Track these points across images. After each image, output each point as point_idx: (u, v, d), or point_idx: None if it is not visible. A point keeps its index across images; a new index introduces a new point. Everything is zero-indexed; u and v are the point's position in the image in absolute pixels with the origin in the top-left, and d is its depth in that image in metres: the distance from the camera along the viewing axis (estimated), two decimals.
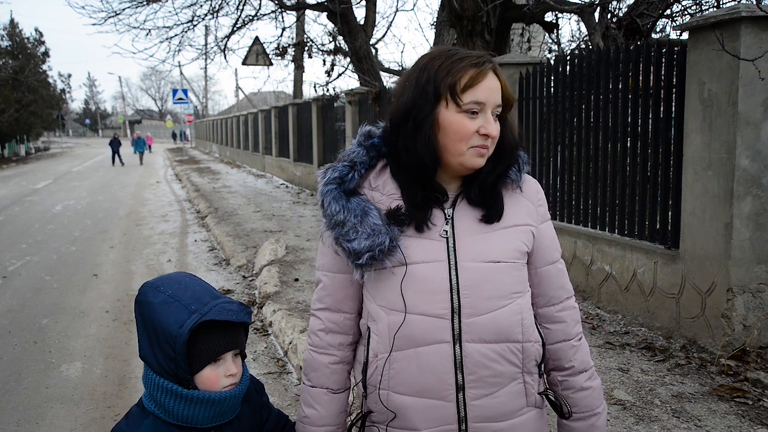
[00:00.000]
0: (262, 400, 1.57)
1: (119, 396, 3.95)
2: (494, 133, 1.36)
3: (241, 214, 10.76)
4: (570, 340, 1.51)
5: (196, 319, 1.33)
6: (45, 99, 35.36)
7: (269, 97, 36.71)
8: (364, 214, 1.37)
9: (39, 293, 6.33)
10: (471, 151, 1.36)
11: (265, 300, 5.63)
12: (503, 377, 1.40)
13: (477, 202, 1.42)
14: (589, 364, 1.54)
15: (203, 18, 10.96)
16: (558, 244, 1.54)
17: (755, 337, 3.84)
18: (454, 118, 1.35)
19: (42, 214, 12.16)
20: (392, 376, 1.40)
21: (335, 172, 1.41)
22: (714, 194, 3.97)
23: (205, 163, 26.26)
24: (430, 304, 1.36)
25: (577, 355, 1.51)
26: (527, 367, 1.43)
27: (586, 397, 1.52)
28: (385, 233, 1.35)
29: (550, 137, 5.79)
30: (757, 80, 3.76)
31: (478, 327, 1.36)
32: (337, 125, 13.04)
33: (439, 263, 1.37)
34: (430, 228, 1.39)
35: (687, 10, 7.52)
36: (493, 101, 1.36)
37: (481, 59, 1.37)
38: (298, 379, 4.13)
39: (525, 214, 1.46)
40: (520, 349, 1.41)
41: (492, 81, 1.36)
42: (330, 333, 1.51)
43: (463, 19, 7.98)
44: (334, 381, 1.52)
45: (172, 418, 1.38)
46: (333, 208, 1.38)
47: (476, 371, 1.37)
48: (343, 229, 1.37)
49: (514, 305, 1.40)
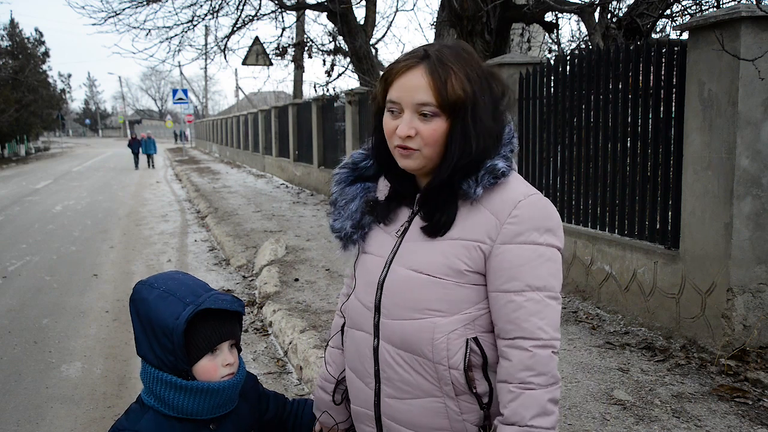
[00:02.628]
0: (258, 390, 1.61)
1: (119, 396, 3.96)
2: (400, 132, 1.30)
3: (241, 214, 10.76)
4: (509, 383, 1.27)
5: (192, 310, 1.37)
6: (45, 99, 35.36)
7: (269, 97, 36.69)
8: (351, 199, 1.47)
9: (39, 293, 6.33)
10: (396, 151, 1.35)
11: (265, 300, 5.63)
12: (413, 387, 1.34)
13: (423, 213, 1.37)
14: (524, 420, 1.24)
15: (203, 18, 10.96)
16: (528, 276, 1.28)
17: (755, 337, 3.84)
18: (384, 117, 1.38)
19: (42, 214, 12.16)
20: (345, 347, 1.52)
21: (350, 157, 1.52)
22: (714, 194, 3.97)
23: (205, 163, 26.26)
24: (364, 294, 1.43)
25: (513, 403, 1.25)
26: (444, 390, 1.32)
27: None
28: (351, 219, 1.45)
29: (550, 137, 5.79)
30: (757, 80, 3.76)
31: (389, 329, 1.37)
32: (337, 125, 13.04)
33: (380, 258, 1.42)
34: (393, 224, 1.44)
35: (687, 10, 7.52)
36: (409, 100, 1.29)
37: (408, 56, 1.32)
38: (298, 379, 4.13)
39: (480, 228, 1.30)
40: (432, 367, 1.32)
41: (413, 79, 1.29)
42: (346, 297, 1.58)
43: (463, 19, 7.98)
44: None
45: (173, 411, 1.40)
46: (333, 188, 1.51)
47: (386, 370, 1.39)
48: (334, 208, 1.50)
49: (426, 322, 1.31)
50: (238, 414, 1.51)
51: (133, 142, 25.94)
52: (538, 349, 1.27)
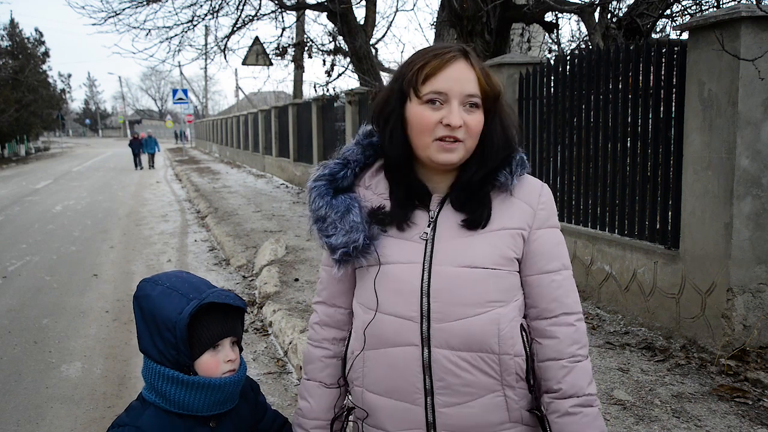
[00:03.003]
0: (257, 398, 1.60)
1: (119, 396, 3.96)
2: (456, 122, 1.29)
3: (241, 214, 10.77)
4: (560, 360, 1.36)
5: (196, 304, 1.38)
6: (45, 99, 35.35)
7: (269, 97, 36.69)
8: (346, 211, 1.38)
9: (39, 293, 6.33)
10: (435, 144, 1.32)
11: (265, 300, 5.63)
12: (476, 387, 1.34)
13: (459, 207, 1.37)
14: (582, 390, 1.36)
15: (203, 18, 10.96)
16: (561, 255, 1.42)
17: (755, 337, 3.84)
18: (416, 110, 1.33)
19: (42, 214, 12.16)
20: (366, 374, 1.41)
21: (326, 169, 1.44)
22: (714, 194, 3.97)
23: (205, 163, 26.27)
24: (401, 306, 1.35)
25: (568, 377, 1.35)
26: (506, 381, 1.35)
27: (571, 424, 1.34)
28: (361, 231, 1.36)
29: (550, 137, 5.79)
30: (757, 80, 3.76)
31: (446, 333, 1.32)
32: (337, 125, 13.04)
33: (414, 265, 1.35)
34: (411, 228, 1.38)
35: (687, 10, 7.52)
36: (459, 90, 1.31)
37: (446, 49, 1.33)
38: (298, 379, 4.13)
39: (517, 217, 1.38)
40: (496, 360, 1.33)
41: (458, 71, 1.32)
42: (324, 326, 1.52)
43: (463, 19, 7.98)
44: (327, 375, 1.52)
45: (173, 406, 1.41)
46: (317, 203, 1.41)
47: (444, 378, 1.33)
48: (324, 224, 1.40)
49: (491, 314, 1.33)
50: (238, 413, 1.51)
51: (133, 141, 25.13)
52: (579, 322, 1.40)
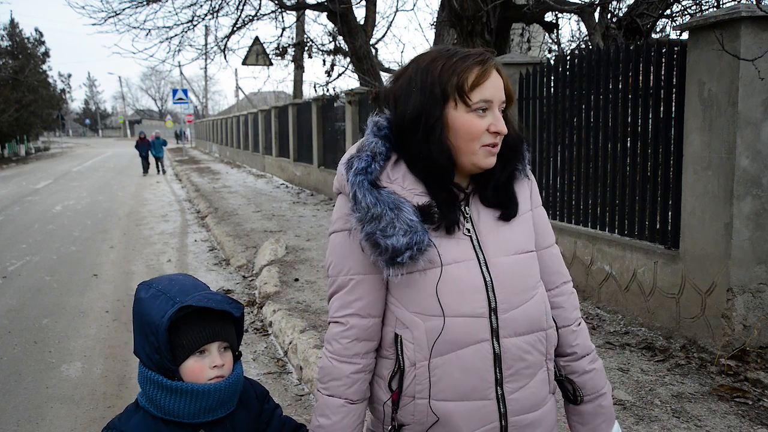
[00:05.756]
0: (263, 407, 1.53)
1: (119, 396, 3.95)
2: (504, 129, 1.36)
3: (241, 214, 10.76)
4: (570, 326, 1.52)
5: (176, 308, 1.35)
6: (45, 99, 35.35)
7: (269, 97, 36.70)
8: (398, 208, 1.29)
9: (39, 293, 6.33)
10: (482, 150, 1.35)
11: (265, 300, 5.63)
12: (534, 367, 1.42)
13: (492, 203, 1.42)
14: (590, 347, 1.54)
15: (203, 18, 10.94)
16: (551, 229, 1.55)
17: (755, 337, 3.84)
18: (465, 118, 1.33)
19: (42, 214, 12.16)
20: (434, 383, 1.35)
21: (361, 162, 1.34)
22: (714, 194, 3.97)
23: (205, 163, 26.26)
24: (467, 305, 1.33)
25: (578, 339, 1.52)
26: (549, 354, 1.46)
27: (590, 380, 1.52)
28: (422, 231, 1.29)
29: (550, 137, 5.79)
30: (757, 80, 3.76)
31: (513, 321, 1.37)
32: (337, 125, 13.04)
33: (470, 262, 1.35)
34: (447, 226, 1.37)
35: (687, 10, 7.52)
36: (499, 98, 1.36)
37: (483, 57, 1.36)
38: (298, 379, 4.13)
39: (526, 199, 1.48)
40: (545, 336, 1.43)
41: (497, 78, 1.36)
42: (356, 340, 1.39)
43: (463, 19, 7.98)
44: (355, 391, 1.41)
45: (160, 412, 1.38)
46: (368, 199, 1.29)
47: (513, 365, 1.37)
48: (380, 223, 1.28)
49: (539, 294, 1.43)
50: (233, 422, 1.45)
51: (141, 143, 21.92)
52: (573, 287, 1.56)
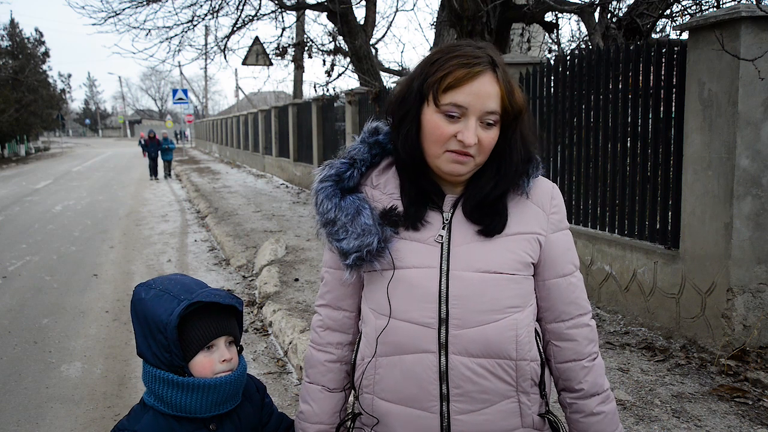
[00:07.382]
0: (264, 400, 1.58)
1: (119, 396, 3.96)
2: (469, 140, 1.24)
3: (241, 214, 10.76)
4: (581, 360, 1.40)
5: (185, 305, 1.38)
6: (45, 99, 35.35)
7: (269, 97, 36.70)
8: (356, 213, 1.33)
9: (39, 293, 6.33)
10: (447, 155, 1.27)
11: (265, 300, 5.63)
12: (492, 394, 1.32)
13: (475, 218, 1.33)
14: (602, 387, 1.42)
15: (203, 18, 10.97)
16: (574, 257, 1.42)
17: (755, 337, 3.84)
18: (432, 118, 1.27)
19: (42, 214, 12.16)
20: (377, 381, 1.37)
21: (332, 169, 1.40)
22: (714, 194, 3.97)
23: (205, 163, 26.27)
24: (417, 312, 1.30)
25: (589, 376, 1.40)
26: (522, 387, 1.34)
27: (597, 423, 1.41)
28: (374, 233, 1.30)
29: (550, 137, 5.79)
30: (757, 80, 3.76)
31: (465, 339, 1.29)
32: (337, 125, 13.04)
33: (430, 270, 1.30)
34: (425, 229, 1.33)
35: (687, 10, 7.52)
36: (479, 107, 1.25)
37: (475, 60, 1.26)
38: (298, 379, 4.13)
39: (533, 221, 1.36)
40: (513, 366, 1.32)
41: (483, 85, 1.25)
42: (328, 330, 1.48)
43: (463, 19, 7.98)
44: (330, 379, 1.48)
45: (171, 409, 1.40)
46: (325, 205, 1.37)
47: (461, 385, 1.30)
48: (334, 227, 1.35)
49: (509, 320, 1.31)
50: (240, 415, 1.49)
51: (149, 142, 19.72)
52: (592, 320, 1.44)
